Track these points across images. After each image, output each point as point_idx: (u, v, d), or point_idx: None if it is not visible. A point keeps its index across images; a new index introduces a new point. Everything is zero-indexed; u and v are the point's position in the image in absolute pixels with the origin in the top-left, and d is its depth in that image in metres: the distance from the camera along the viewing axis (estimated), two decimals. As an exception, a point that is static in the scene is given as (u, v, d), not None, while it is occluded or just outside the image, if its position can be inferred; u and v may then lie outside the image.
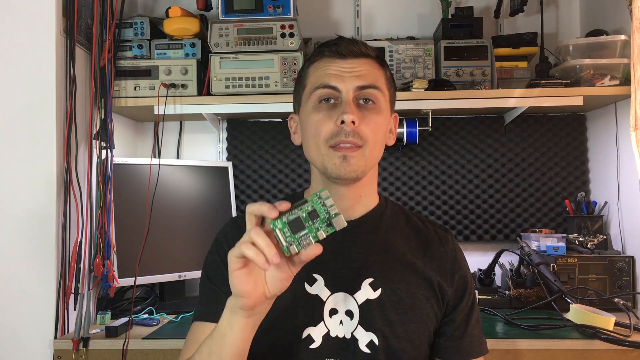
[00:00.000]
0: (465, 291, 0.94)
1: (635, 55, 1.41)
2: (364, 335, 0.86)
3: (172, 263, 1.65)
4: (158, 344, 1.31)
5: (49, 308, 1.35)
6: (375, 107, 0.89)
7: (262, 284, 0.71)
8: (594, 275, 1.62)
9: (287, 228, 0.68)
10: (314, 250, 0.68)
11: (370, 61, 0.91)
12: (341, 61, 0.89)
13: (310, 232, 0.68)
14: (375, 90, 0.89)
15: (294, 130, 0.98)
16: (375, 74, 0.91)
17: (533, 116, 1.89)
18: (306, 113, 0.91)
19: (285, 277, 0.71)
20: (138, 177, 1.63)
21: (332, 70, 0.89)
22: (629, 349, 1.25)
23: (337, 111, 0.86)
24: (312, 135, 0.88)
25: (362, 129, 0.86)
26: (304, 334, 0.85)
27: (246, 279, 0.69)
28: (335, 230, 0.68)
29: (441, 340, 0.93)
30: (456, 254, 0.97)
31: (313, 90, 0.89)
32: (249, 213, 0.69)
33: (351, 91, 0.87)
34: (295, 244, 0.68)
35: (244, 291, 0.69)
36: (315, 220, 0.68)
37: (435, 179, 1.90)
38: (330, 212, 0.68)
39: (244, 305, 0.70)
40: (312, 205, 0.68)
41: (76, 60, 1.44)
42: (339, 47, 0.89)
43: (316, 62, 0.92)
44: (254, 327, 0.74)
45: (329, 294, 0.87)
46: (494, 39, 1.78)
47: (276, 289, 0.71)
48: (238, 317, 0.72)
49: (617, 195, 1.72)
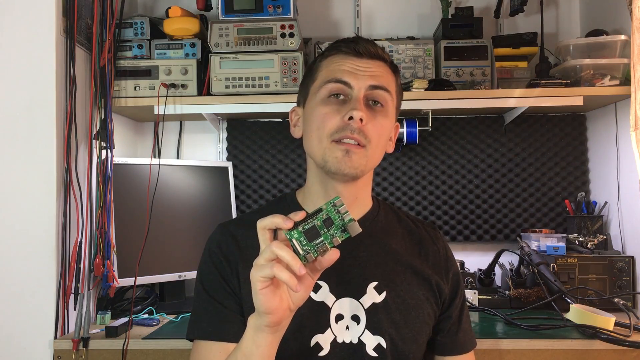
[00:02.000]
0: (458, 287, 0.97)
1: (635, 55, 1.41)
2: (371, 339, 0.86)
3: (172, 263, 1.65)
4: (158, 344, 1.31)
5: (49, 308, 1.35)
6: (384, 110, 0.89)
7: (286, 298, 0.70)
8: (594, 275, 1.62)
9: (304, 237, 0.68)
10: (332, 255, 0.68)
11: (384, 65, 0.92)
12: (357, 59, 0.89)
13: (326, 239, 0.68)
14: (385, 93, 0.89)
15: (295, 123, 0.97)
16: (388, 78, 0.91)
17: (533, 116, 1.89)
18: (313, 105, 0.90)
19: (307, 286, 0.70)
20: (138, 177, 1.63)
21: (346, 66, 0.88)
22: (629, 349, 1.25)
23: (345, 107, 0.86)
24: (316, 127, 0.88)
25: (368, 128, 0.85)
26: (312, 342, 0.85)
27: (272, 296, 0.68)
28: (349, 236, 0.69)
29: (438, 336, 0.94)
30: (447, 252, 0.99)
31: (324, 84, 0.89)
32: (262, 228, 0.68)
33: (363, 89, 0.87)
34: (312, 252, 0.68)
35: (271, 308, 0.68)
36: (331, 227, 0.68)
37: (435, 179, 1.90)
38: (344, 218, 0.68)
39: (271, 322, 0.69)
40: (326, 213, 0.69)
41: (76, 60, 1.44)
42: (357, 45, 0.89)
43: (331, 57, 0.91)
44: (278, 341, 0.73)
45: (335, 300, 0.87)
46: (494, 39, 1.78)
47: (300, 300, 0.71)
48: (264, 334, 0.70)
49: (617, 195, 1.72)
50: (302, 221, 0.68)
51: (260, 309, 0.68)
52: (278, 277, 0.65)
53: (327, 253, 0.68)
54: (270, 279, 0.66)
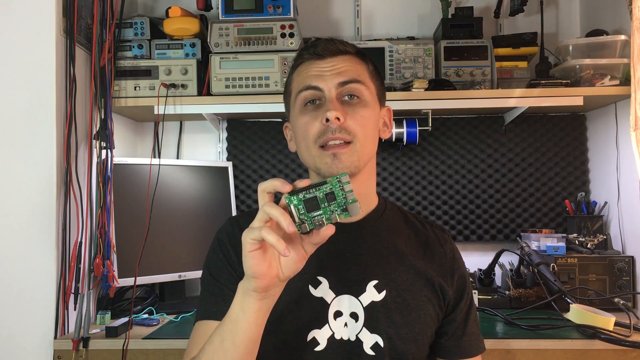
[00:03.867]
0: (464, 290, 0.96)
1: (635, 55, 1.41)
2: (368, 337, 0.86)
3: (172, 263, 1.65)
4: (158, 344, 1.31)
5: (49, 308, 1.35)
6: (361, 101, 0.89)
7: (276, 265, 0.69)
8: (594, 275, 1.62)
9: (303, 206, 0.67)
10: (327, 231, 0.68)
11: (349, 57, 0.91)
12: (320, 61, 0.90)
13: (325, 214, 0.67)
14: (358, 85, 0.89)
15: (290, 138, 0.99)
16: (357, 69, 0.90)
17: (533, 116, 1.89)
18: (294, 117, 0.92)
19: (299, 259, 0.70)
20: (138, 177, 1.63)
21: (312, 71, 0.89)
22: (629, 349, 1.25)
23: (321, 111, 0.86)
24: (302, 138, 0.89)
25: (349, 124, 0.85)
26: (308, 337, 0.85)
27: (261, 260, 0.67)
28: (349, 216, 0.68)
29: (442, 339, 0.94)
30: (454, 254, 0.98)
31: (297, 94, 0.90)
32: (262, 191, 0.68)
33: (333, 89, 0.87)
34: (308, 222, 0.67)
35: (259, 272, 0.67)
36: (332, 203, 0.68)
37: (435, 179, 1.90)
38: (347, 197, 0.68)
39: (258, 287, 0.69)
40: (330, 187, 0.68)
41: (76, 60, 1.44)
42: (316, 47, 0.90)
43: (298, 67, 0.93)
44: (267, 311, 0.72)
45: (334, 297, 0.87)
46: (494, 39, 1.78)
47: (290, 271, 0.70)
48: (251, 300, 0.70)
49: (617, 195, 1.72)
50: (304, 189, 0.68)
51: (248, 272, 0.68)
52: (265, 240, 0.64)
53: (322, 228, 0.67)
54: (259, 242, 0.66)
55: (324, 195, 0.68)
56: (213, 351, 0.73)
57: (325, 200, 0.68)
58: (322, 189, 0.68)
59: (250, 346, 0.72)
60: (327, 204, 0.68)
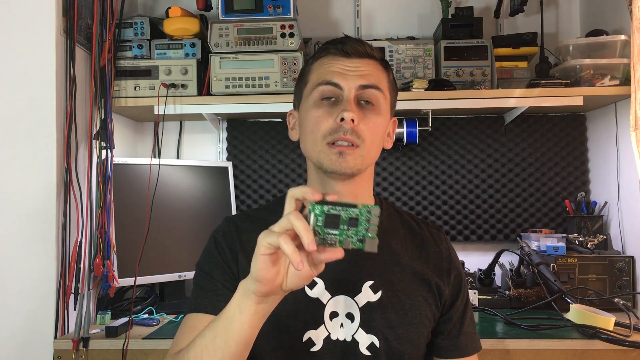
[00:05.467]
0: (460, 289, 0.96)
1: (635, 55, 1.41)
2: (364, 337, 0.86)
3: (172, 263, 1.65)
4: (158, 344, 1.31)
5: (49, 308, 1.35)
6: (376, 108, 0.89)
7: (282, 275, 0.69)
8: (594, 275, 1.62)
9: (323, 218, 0.65)
10: (336, 254, 0.66)
11: (374, 62, 0.91)
12: (345, 60, 0.89)
13: (340, 236, 0.66)
14: (377, 92, 0.89)
15: (292, 126, 0.98)
16: (379, 76, 0.91)
17: (533, 116, 1.89)
18: (306, 108, 0.91)
19: (305, 276, 0.69)
20: (138, 177, 1.63)
21: (335, 67, 0.89)
22: (629, 349, 1.25)
23: (337, 109, 0.86)
24: (310, 130, 0.89)
25: (360, 128, 0.86)
26: (304, 337, 0.85)
27: (270, 266, 0.66)
28: (362, 249, 0.66)
29: (438, 339, 0.94)
30: (450, 253, 0.98)
31: (315, 87, 0.89)
32: (291, 196, 0.67)
33: (353, 90, 0.87)
34: (320, 238, 0.66)
35: (264, 277, 0.66)
36: (352, 229, 0.66)
37: (435, 179, 1.90)
38: (369, 230, 0.66)
39: (258, 291, 0.68)
40: (357, 213, 0.66)
41: (76, 60, 1.44)
42: (345, 45, 0.89)
43: (320, 59, 0.92)
44: (264, 315, 0.72)
45: (330, 297, 0.87)
46: (494, 39, 1.78)
47: (294, 285, 0.69)
48: (249, 301, 0.69)
49: (617, 195, 1.72)
50: (331, 203, 0.66)
51: (254, 273, 0.67)
52: (282, 248, 0.63)
53: (331, 249, 0.66)
54: (274, 248, 0.65)
55: (347, 218, 0.65)
56: (203, 346, 0.72)
57: (347, 223, 0.66)
58: (349, 211, 0.65)
59: (242, 347, 0.71)
60: (347, 227, 0.66)
